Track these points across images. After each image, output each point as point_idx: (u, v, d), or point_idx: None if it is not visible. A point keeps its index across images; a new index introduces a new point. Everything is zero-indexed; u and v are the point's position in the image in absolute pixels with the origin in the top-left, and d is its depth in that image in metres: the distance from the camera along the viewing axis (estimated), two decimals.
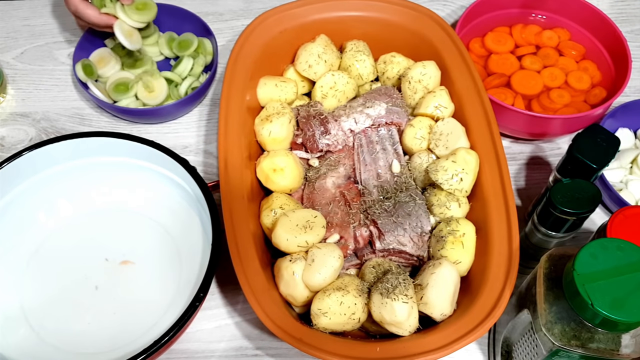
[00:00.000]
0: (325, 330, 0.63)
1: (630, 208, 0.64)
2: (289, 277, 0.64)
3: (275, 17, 0.81)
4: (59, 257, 0.75)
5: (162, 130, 0.89)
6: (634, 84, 0.94)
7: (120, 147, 0.75)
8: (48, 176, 0.76)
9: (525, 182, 0.85)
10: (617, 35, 0.86)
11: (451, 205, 0.70)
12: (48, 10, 1.02)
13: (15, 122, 0.90)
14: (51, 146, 0.74)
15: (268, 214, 0.70)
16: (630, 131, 0.86)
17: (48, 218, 0.77)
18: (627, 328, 0.50)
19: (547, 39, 0.92)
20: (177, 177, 0.75)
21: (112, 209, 0.79)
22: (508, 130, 0.84)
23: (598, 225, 0.71)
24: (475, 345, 0.72)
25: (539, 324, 0.54)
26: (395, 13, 0.83)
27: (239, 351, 0.72)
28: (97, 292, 0.73)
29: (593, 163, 0.65)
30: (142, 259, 0.75)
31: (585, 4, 0.90)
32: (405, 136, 0.76)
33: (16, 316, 0.71)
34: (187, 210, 0.76)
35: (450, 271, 0.64)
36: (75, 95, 0.93)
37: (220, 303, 0.75)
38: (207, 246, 0.69)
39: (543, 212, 0.66)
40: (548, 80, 0.87)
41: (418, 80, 0.78)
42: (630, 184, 0.81)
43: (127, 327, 0.70)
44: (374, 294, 0.63)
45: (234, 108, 0.74)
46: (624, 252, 0.51)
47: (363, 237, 0.69)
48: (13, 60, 0.96)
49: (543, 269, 0.56)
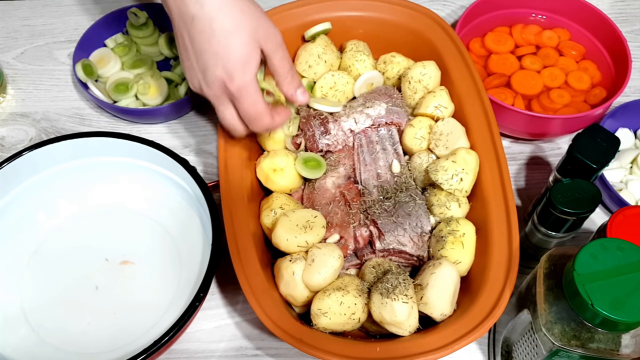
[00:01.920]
0: (325, 330, 0.63)
1: (630, 208, 0.64)
2: (289, 277, 0.65)
3: (275, 17, 0.81)
4: (59, 257, 0.75)
5: (162, 130, 0.89)
6: (634, 84, 0.94)
7: (120, 147, 0.75)
8: (48, 176, 0.76)
9: (525, 182, 0.85)
10: (617, 35, 0.86)
11: (451, 205, 0.70)
12: (48, 10, 1.02)
13: (15, 122, 0.90)
14: (51, 146, 0.74)
15: (268, 214, 0.70)
16: (630, 131, 0.86)
17: (48, 218, 0.77)
18: (627, 328, 0.50)
19: (547, 39, 0.92)
20: (177, 177, 0.75)
21: (112, 209, 0.79)
22: (508, 130, 0.84)
23: (598, 225, 0.71)
24: (475, 345, 0.72)
25: (539, 324, 0.54)
26: (395, 13, 0.83)
27: (239, 351, 0.72)
28: (97, 292, 0.73)
29: (593, 163, 0.65)
30: (142, 259, 0.75)
31: (585, 4, 0.90)
32: (405, 136, 0.76)
33: (16, 316, 0.71)
34: (187, 210, 0.76)
35: (450, 271, 0.64)
36: (75, 95, 0.93)
37: (220, 303, 0.75)
38: (207, 246, 0.69)
39: (543, 212, 0.66)
40: (548, 80, 0.87)
41: (418, 80, 0.78)
42: (630, 184, 0.81)
43: (127, 327, 0.70)
44: (374, 294, 0.63)
45: None
46: (624, 252, 0.51)
47: (363, 237, 0.69)
48: (13, 60, 0.96)
49: (543, 269, 0.56)
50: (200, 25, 0.60)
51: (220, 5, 0.60)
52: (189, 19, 0.61)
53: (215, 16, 0.60)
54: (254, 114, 0.64)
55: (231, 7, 0.60)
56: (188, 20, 0.61)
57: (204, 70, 0.63)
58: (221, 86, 0.63)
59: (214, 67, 0.61)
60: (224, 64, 0.61)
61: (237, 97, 0.63)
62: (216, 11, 0.60)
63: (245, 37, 0.61)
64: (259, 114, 0.64)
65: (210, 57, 0.61)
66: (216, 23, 0.60)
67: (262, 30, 0.63)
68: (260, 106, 0.64)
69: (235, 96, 0.63)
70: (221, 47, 0.60)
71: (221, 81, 0.62)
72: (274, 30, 0.64)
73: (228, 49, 0.60)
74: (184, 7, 0.60)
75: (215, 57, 0.61)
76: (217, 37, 0.60)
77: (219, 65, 0.61)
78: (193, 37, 0.61)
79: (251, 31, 0.61)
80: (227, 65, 0.61)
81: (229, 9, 0.60)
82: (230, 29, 0.60)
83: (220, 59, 0.61)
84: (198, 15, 0.60)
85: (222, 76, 0.62)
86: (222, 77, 0.62)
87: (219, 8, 0.60)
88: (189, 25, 0.61)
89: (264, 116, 0.65)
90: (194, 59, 0.63)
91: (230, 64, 0.61)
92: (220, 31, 0.60)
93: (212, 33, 0.60)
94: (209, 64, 0.62)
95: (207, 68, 0.62)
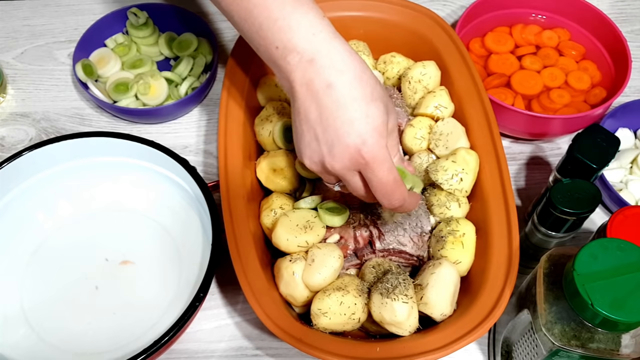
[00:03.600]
0: (325, 330, 0.63)
1: (630, 208, 0.64)
2: (289, 277, 0.65)
3: None
4: (59, 257, 0.75)
5: (162, 130, 0.89)
6: (634, 84, 0.94)
7: (120, 147, 0.75)
8: (48, 176, 0.76)
9: (525, 182, 0.85)
10: (617, 35, 0.86)
11: (451, 205, 0.70)
12: (48, 10, 1.02)
13: (15, 122, 0.90)
14: (51, 146, 0.74)
15: (268, 214, 0.70)
16: (630, 131, 0.86)
17: (48, 218, 0.77)
18: (627, 328, 0.50)
19: (547, 39, 0.92)
20: (177, 177, 0.75)
21: (112, 209, 0.79)
22: (508, 130, 0.84)
23: (598, 225, 0.71)
24: (475, 345, 0.72)
25: (539, 324, 0.54)
26: (395, 13, 0.83)
27: (239, 351, 0.72)
28: (97, 292, 0.73)
29: (593, 163, 0.65)
30: (142, 259, 0.75)
31: (585, 4, 0.90)
32: (405, 136, 0.76)
33: (16, 316, 0.71)
34: (187, 210, 0.76)
35: (450, 271, 0.64)
36: (75, 95, 0.93)
37: (220, 303, 0.75)
38: (207, 246, 0.69)
39: (543, 212, 0.66)
40: (548, 80, 0.87)
41: (418, 80, 0.78)
42: (630, 184, 0.81)
43: (127, 327, 0.70)
44: (374, 294, 0.63)
45: (234, 108, 0.74)
46: (624, 252, 0.51)
47: (363, 237, 0.69)
48: (13, 60, 0.96)
49: (543, 269, 0.56)
50: (337, 93, 0.56)
51: (359, 74, 0.56)
52: (324, 87, 0.56)
53: (356, 85, 0.56)
54: (392, 182, 0.58)
55: (368, 77, 0.57)
56: (321, 90, 0.56)
57: (332, 141, 0.57)
58: (353, 156, 0.57)
59: (347, 135, 0.56)
60: (360, 130, 0.56)
61: (372, 164, 0.57)
62: (357, 80, 0.56)
63: (382, 106, 0.58)
64: (397, 182, 0.58)
65: (342, 125, 0.56)
66: (356, 91, 0.56)
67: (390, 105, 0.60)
68: (398, 175, 0.58)
69: (369, 164, 0.57)
70: (358, 114, 0.56)
71: (355, 148, 0.56)
72: (394, 111, 0.62)
73: (368, 114, 0.56)
74: (318, 76, 0.56)
75: (350, 124, 0.56)
76: (356, 103, 0.56)
77: (352, 132, 0.56)
78: (325, 106, 0.56)
79: (385, 102, 0.59)
80: (364, 130, 0.56)
81: (367, 78, 0.57)
82: (371, 97, 0.57)
83: (357, 126, 0.56)
84: (336, 83, 0.56)
85: (357, 143, 0.56)
86: (357, 143, 0.56)
87: (358, 77, 0.56)
88: (321, 94, 0.56)
89: (402, 185, 0.59)
90: (320, 131, 0.58)
91: (368, 128, 0.56)
92: (362, 98, 0.56)
93: (352, 100, 0.56)
94: (341, 132, 0.56)
95: (338, 137, 0.57)
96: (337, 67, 0.56)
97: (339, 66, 0.56)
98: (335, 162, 0.58)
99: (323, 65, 0.56)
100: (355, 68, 0.57)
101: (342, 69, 0.56)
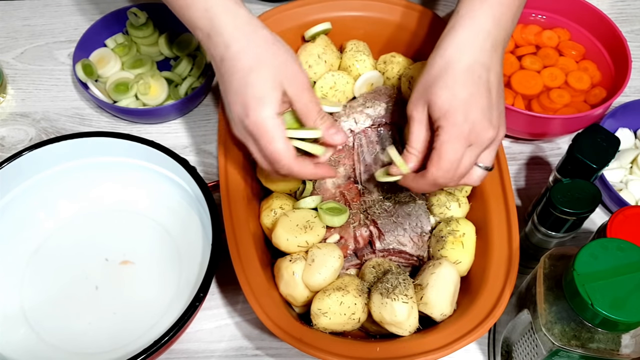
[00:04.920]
0: (325, 330, 0.63)
1: (630, 208, 0.64)
2: (289, 277, 0.65)
3: (275, 17, 0.81)
4: (59, 257, 0.75)
5: (162, 130, 0.89)
6: (634, 84, 0.94)
7: (120, 147, 0.75)
8: (48, 176, 0.76)
9: (525, 182, 0.85)
10: (617, 35, 0.86)
11: (451, 205, 0.70)
12: (48, 10, 1.02)
13: (15, 122, 0.90)
14: (51, 146, 0.74)
15: (268, 214, 0.70)
16: (630, 131, 0.86)
17: (48, 218, 0.77)
18: (627, 328, 0.50)
19: (547, 39, 0.92)
20: (177, 177, 0.75)
21: (112, 209, 0.79)
22: (508, 130, 0.83)
23: (598, 225, 0.71)
24: (475, 345, 0.72)
25: (539, 324, 0.54)
26: (395, 13, 0.83)
27: (239, 351, 0.72)
28: (97, 292, 0.73)
29: (593, 163, 0.65)
30: (142, 259, 0.75)
31: (585, 4, 0.90)
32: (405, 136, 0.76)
33: (16, 316, 0.71)
34: (187, 210, 0.76)
35: (450, 271, 0.64)
36: (75, 95, 0.93)
37: (220, 303, 0.75)
38: (207, 246, 0.69)
39: (543, 212, 0.66)
40: (548, 80, 0.87)
41: None
42: (630, 184, 0.81)
43: (127, 327, 0.70)
44: (374, 294, 0.63)
45: None
46: (624, 252, 0.51)
47: (363, 237, 0.69)
48: (13, 60, 0.96)
49: (543, 269, 0.56)
50: (227, 65, 0.61)
51: (245, 46, 0.61)
52: (219, 60, 0.62)
53: (239, 57, 0.61)
54: (269, 153, 0.60)
55: (255, 47, 0.61)
56: (218, 63, 0.62)
57: (230, 111, 0.63)
58: (241, 124, 0.61)
59: (234, 104, 0.61)
60: (242, 100, 0.60)
61: (254, 134, 0.60)
62: (240, 52, 0.61)
63: (264, 74, 0.60)
64: (276, 152, 0.60)
65: (232, 95, 0.61)
66: (239, 62, 0.61)
67: (286, 72, 0.61)
68: (278, 146, 0.60)
69: (252, 134, 0.60)
70: (240, 85, 0.60)
71: (239, 118, 0.61)
72: (300, 73, 0.63)
73: (246, 85, 0.60)
74: (214, 50, 0.62)
75: (235, 94, 0.61)
76: (238, 75, 0.60)
77: (237, 102, 0.60)
78: (223, 77, 0.63)
79: (272, 70, 0.61)
80: (243, 101, 0.60)
81: (252, 49, 0.61)
82: (250, 67, 0.60)
83: (240, 96, 0.60)
84: (225, 56, 0.61)
85: (240, 113, 0.61)
86: (240, 113, 0.61)
87: (242, 49, 0.61)
88: (219, 67, 0.63)
89: (283, 157, 0.60)
90: (225, 99, 0.64)
91: (246, 99, 0.60)
92: (242, 69, 0.60)
93: (235, 72, 0.61)
94: (231, 102, 0.62)
95: (230, 107, 0.62)
96: (225, 41, 0.61)
97: (227, 40, 0.61)
98: (235, 129, 0.64)
99: (216, 42, 0.62)
100: (240, 39, 0.61)
101: (229, 43, 0.61)
